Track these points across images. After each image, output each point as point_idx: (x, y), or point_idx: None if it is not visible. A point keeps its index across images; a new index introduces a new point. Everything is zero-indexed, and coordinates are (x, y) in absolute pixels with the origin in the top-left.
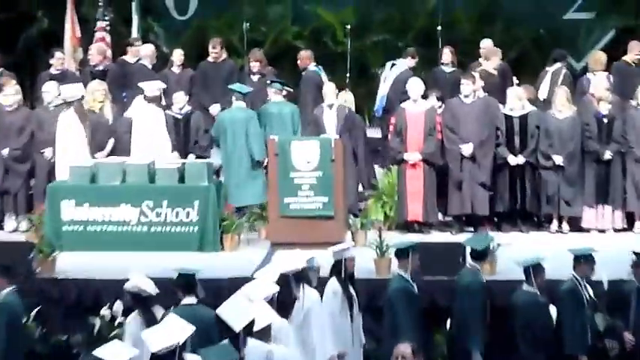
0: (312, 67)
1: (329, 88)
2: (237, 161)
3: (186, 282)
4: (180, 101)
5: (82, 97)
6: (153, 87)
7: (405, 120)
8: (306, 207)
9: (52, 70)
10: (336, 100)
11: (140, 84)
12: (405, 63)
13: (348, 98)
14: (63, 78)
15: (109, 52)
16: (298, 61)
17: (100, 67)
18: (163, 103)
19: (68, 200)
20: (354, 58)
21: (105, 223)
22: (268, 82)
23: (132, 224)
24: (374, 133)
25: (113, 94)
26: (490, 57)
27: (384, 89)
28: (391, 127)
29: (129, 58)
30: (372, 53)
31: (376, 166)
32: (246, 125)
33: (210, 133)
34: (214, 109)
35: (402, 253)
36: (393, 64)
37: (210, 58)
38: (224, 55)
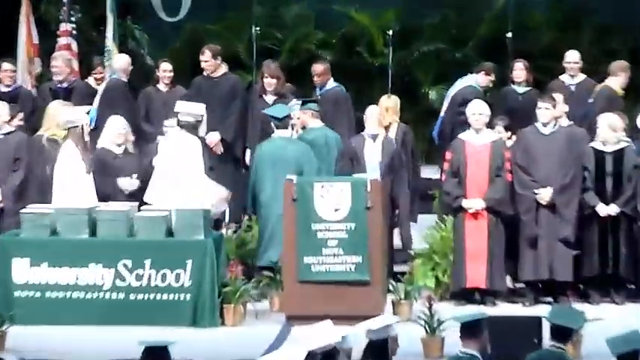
0: (332, 82)
1: (372, 112)
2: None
3: (157, 358)
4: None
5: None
6: (192, 110)
7: (465, 155)
8: (333, 269)
9: (1, 87)
10: (381, 130)
11: (179, 104)
12: (474, 79)
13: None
14: (14, 97)
15: (75, 64)
16: (315, 77)
17: (64, 84)
18: (202, 134)
19: (21, 258)
20: (397, 74)
21: (69, 288)
22: (296, 102)
23: (104, 290)
24: (429, 172)
25: None
26: (617, 72)
27: (443, 110)
28: (446, 165)
29: (92, 82)
30: (421, 67)
31: (422, 216)
32: (298, 162)
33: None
34: (212, 137)
35: (472, 327)
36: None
37: (205, 72)
38: (223, 68)
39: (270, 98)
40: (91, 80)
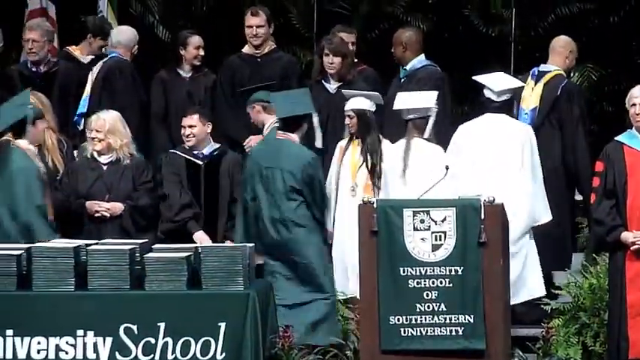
0: (422, 59)
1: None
2: None
3: None
4: (203, 132)
5: None
6: (421, 102)
7: (625, 167)
8: (431, 333)
9: None
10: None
11: (401, 97)
12: None
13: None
14: None
15: (54, 38)
16: (395, 51)
17: (42, 67)
18: (428, 135)
19: None
20: (523, 49)
21: None
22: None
23: None
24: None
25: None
26: None
27: None
28: (596, 181)
29: (79, 53)
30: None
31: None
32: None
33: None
34: (255, 143)
35: None
36: None
37: (246, 49)
38: (270, 44)
39: (332, 85)
40: (77, 50)
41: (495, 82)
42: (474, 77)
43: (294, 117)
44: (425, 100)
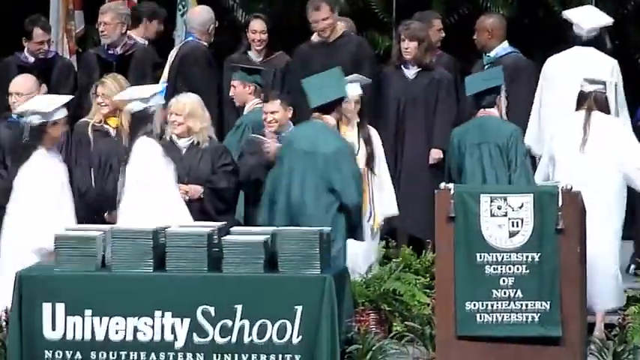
0: (506, 46)
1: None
2: None
3: None
4: (285, 118)
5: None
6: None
7: None
8: (507, 320)
9: (26, 55)
10: None
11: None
12: None
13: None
14: (46, 70)
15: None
16: (478, 37)
17: (118, 50)
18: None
19: (55, 304)
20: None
21: (124, 346)
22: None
23: (176, 349)
24: None
25: None
26: None
27: None
28: None
29: (137, 35)
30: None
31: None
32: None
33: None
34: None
35: None
36: None
37: (314, 37)
38: (341, 27)
39: (411, 71)
40: (136, 33)
41: (584, 19)
42: (563, 12)
43: (485, 92)
44: (604, 74)
